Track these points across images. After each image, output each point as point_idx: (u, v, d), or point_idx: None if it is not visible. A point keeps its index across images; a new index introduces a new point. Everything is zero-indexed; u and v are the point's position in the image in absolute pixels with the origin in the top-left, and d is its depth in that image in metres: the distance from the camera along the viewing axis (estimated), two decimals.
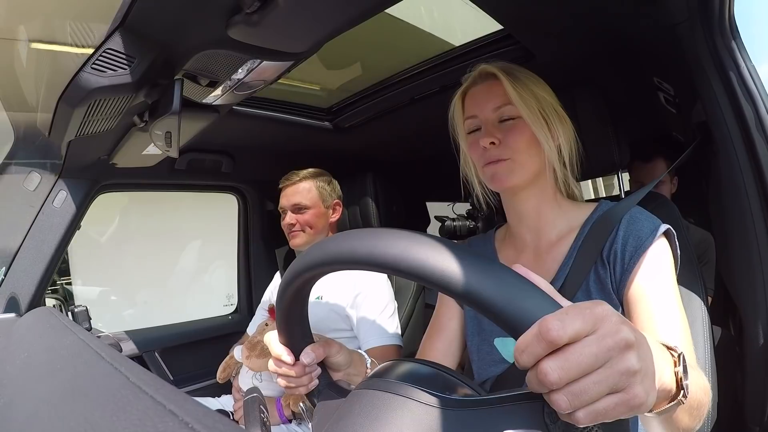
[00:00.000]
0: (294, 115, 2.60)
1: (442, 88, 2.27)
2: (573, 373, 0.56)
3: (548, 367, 0.56)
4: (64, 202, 2.31)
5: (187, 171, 2.84)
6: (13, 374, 1.10)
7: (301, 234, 2.46)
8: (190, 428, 0.45)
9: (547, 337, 0.55)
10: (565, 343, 0.56)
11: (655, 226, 1.26)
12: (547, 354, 0.57)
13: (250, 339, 2.24)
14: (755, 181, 1.44)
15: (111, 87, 1.33)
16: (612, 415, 0.57)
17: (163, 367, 2.96)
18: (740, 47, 1.45)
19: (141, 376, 0.68)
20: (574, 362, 0.56)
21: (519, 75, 1.38)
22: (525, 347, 0.58)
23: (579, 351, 0.56)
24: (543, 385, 0.57)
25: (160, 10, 1.23)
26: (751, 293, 1.51)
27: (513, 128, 1.37)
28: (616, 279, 1.27)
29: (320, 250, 0.82)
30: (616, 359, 0.57)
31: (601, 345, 0.57)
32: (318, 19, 1.30)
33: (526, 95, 1.35)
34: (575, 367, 0.56)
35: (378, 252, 0.71)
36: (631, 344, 0.58)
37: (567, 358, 0.56)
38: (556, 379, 0.55)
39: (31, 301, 2.24)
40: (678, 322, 1.14)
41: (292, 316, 1.01)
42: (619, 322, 0.59)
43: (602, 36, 1.84)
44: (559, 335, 0.55)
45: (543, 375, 0.56)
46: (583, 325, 0.57)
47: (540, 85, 1.41)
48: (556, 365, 0.56)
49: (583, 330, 0.57)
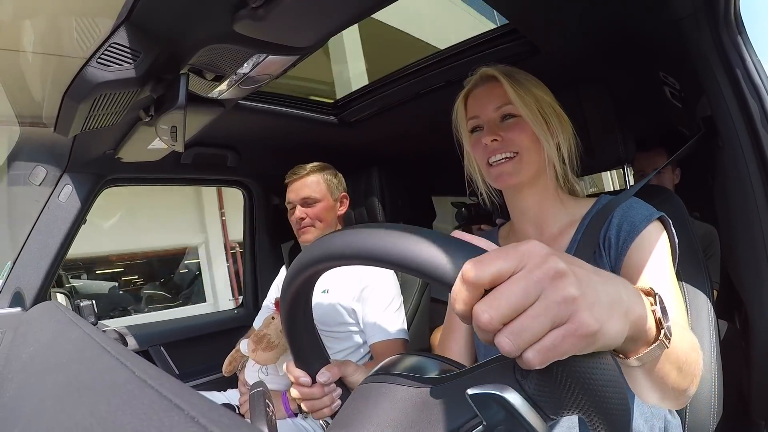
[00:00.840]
0: (299, 109, 2.60)
1: (447, 83, 2.27)
2: (505, 311, 0.54)
3: (478, 309, 0.55)
4: (69, 196, 2.32)
5: (192, 165, 2.85)
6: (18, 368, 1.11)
7: (311, 229, 2.45)
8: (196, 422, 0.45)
9: (466, 279, 0.55)
10: (488, 283, 0.55)
11: (649, 212, 1.29)
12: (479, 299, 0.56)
13: (257, 332, 2.24)
14: (761, 175, 1.44)
15: (116, 81, 1.34)
16: (564, 349, 0.54)
17: (168, 361, 2.97)
18: (746, 42, 1.45)
19: (146, 370, 0.68)
20: (504, 299, 0.54)
21: (518, 76, 1.43)
22: (455, 296, 0.57)
23: (506, 288, 0.55)
24: (479, 330, 0.56)
25: (165, 5, 1.23)
26: (756, 287, 1.51)
27: (515, 126, 1.41)
28: (611, 262, 1.29)
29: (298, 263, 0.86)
30: (548, 289, 0.55)
31: (528, 278, 0.55)
32: (323, 13, 1.30)
33: (525, 95, 1.39)
34: (506, 305, 0.54)
35: (334, 247, 0.76)
36: (563, 272, 0.56)
37: (495, 296, 0.54)
38: (488, 318, 0.54)
39: (36, 296, 2.25)
40: (672, 295, 1.15)
41: (300, 336, 1.03)
42: (547, 254, 0.57)
43: (607, 30, 1.83)
44: (477, 275, 0.55)
45: (476, 319, 0.55)
46: (506, 263, 0.56)
47: (539, 86, 1.46)
48: (485, 305, 0.54)
49: (506, 268, 0.55)
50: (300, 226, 2.46)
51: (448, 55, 2.18)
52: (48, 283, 2.31)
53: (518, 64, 1.49)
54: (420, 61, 2.29)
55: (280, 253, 3.40)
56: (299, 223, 2.46)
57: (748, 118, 1.44)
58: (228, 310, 3.60)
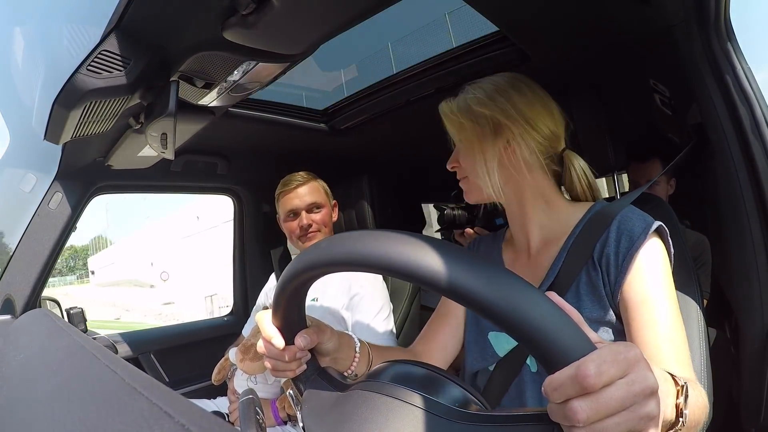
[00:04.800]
0: (290, 117, 2.60)
1: (437, 90, 2.27)
2: (601, 415, 0.58)
3: (579, 407, 0.58)
4: (59, 203, 2.31)
5: (182, 173, 2.85)
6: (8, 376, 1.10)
7: (318, 234, 2.43)
8: (186, 430, 0.45)
9: (584, 383, 0.57)
10: (599, 388, 0.58)
11: (647, 224, 1.26)
12: None
13: (244, 342, 2.24)
14: (751, 182, 1.45)
15: (106, 89, 1.33)
16: None
17: (158, 368, 2.97)
18: (736, 49, 1.46)
19: (137, 377, 0.68)
20: (604, 405, 0.58)
21: (467, 93, 1.42)
22: (559, 386, 0.59)
23: (610, 395, 0.59)
24: (569, 420, 0.59)
25: (155, 12, 1.23)
26: (747, 295, 1.51)
27: (459, 150, 1.46)
28: (610, 283, 1.26)
29: (345, 242, 0.77)
30: (639, 404, 0.60)
31: (629, 391, 0.60)
32: (314, 20, 1.30)
33: (462, 117, 1.40)
34: (604, 410, 0.58)
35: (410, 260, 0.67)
36: (655, 391, 0.62)
37: (598, 401, 0.58)
38: (584, 418, 0.58)
39: (26, 303, 2.24)
40: (675, 326, 1.14)
41: (292, 303, 1.00)
42: (647, 368, 0.62)
43: (598, 38, 1.84)
44: (595, 383, 0.57)
45: (572, 413, 0.58)
46: (617, 371, 0.59)
47: (505, 90, 1.40)
48: (587, 406, 0.58)
49: (616, 376, 0.59)
50: (306, 232, 2.43)
51: (438, 62, 2.18)
52: (38, 290, 2.29)
53: (508, 71, 1.48)
54: (410, 69, 2.29)
55: (269, 261, 3.39)
56: (305, 230, 2.44)
57: (738, 126, 1.44)
58: (218, 317, 3.59)
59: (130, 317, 9.46)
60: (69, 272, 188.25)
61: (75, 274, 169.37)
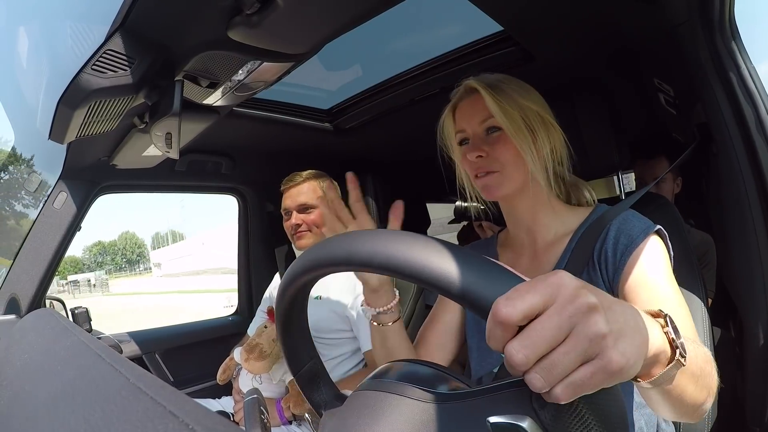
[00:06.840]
0: (294, 116, 2.60)
1: (441, 90, 2.27)
2: (538, 349, 0.54)
3: (512, 349, 0.54)
4: (64, 203, 2.32)
5: (187, 172, 2.85)
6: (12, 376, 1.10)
7: (307, 234, 2.44)
8: (191, 429, 0.45)
9: (499, 319, 0.54)
10: (519, 321, 0.54)
11: (646, 226, 1.26)
12: (513, 335, 0.55)
13: (249, 342, 2.24)
14: (755, 182, 1.44)
15: (111, 88, 1.33)
16: (591, 384, 0.55)
17: (163, 368, 2.97)
18: (740, 48, 1.45)
19: (141, 377, 0.68)
20: (537, 337, 0.54)
21: (503, 86, 1.39)
22: (489, 333, 0.56)
23: (540, 325, 0.54)
24: (513, 367, 0.55)
25: (160, 11, 1.23)
26: (751, 294, 1.51)
27: (498, 140, 1.39)
28: (608, 278, 1.27)
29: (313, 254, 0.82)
30: (580, 325, 0.54)
31: (561, 314, 0.54)
32: (318, 20, 1.30)
33: (509, 107, 1.36)
34: (539, 343, 0.54)
35: (360, 251, 0.72)
36: (594, 307, 0.55)
37: (528, 336, 0.54)
38: (522, 358, 0.53)
39: (31, 303, 2.24)
40: (678, 308, 1.13)
41: (292, 334, 1.01)
42: (578, 287, 0.57)
43: (602, 37, 1.84)
44: (508, 315, 0.53)
45: (510, 358, 0.54)
46: (536, 298, 0.54)
47: (527, 95, 1.41)
48: (519, 345, 0.54)
49: (538, 303, 0.54)
50: (295, 231, 2.46)
51: (442, 62, 2.18)
52: (43, 289, 2.30)
53: (513, 70, 1.48)
54: (414, 68, 2.29)
55: (274, 260, 3.39)
56: (295, 229, 2.46)
57: (743, 125, 1.44)
58: (223, 317, 3.59)
59: None
60: (126, 265, 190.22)
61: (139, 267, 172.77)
